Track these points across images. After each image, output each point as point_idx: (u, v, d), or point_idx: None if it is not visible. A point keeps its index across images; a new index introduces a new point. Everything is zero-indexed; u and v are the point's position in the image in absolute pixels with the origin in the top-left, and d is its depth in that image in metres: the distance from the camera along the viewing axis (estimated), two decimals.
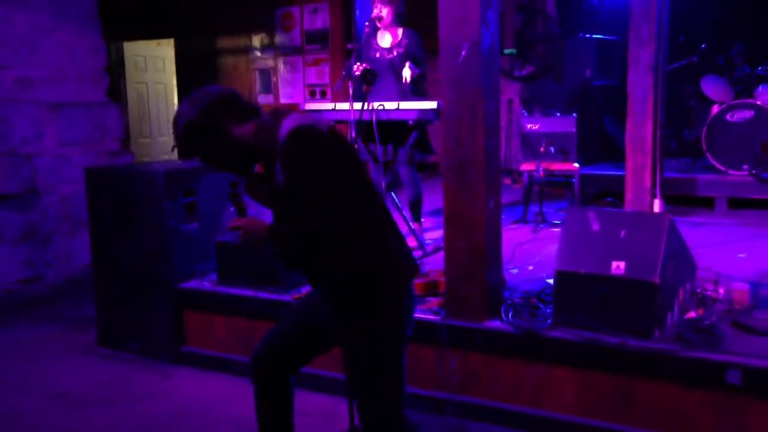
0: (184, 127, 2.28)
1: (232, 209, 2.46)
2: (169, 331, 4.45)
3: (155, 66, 9.96)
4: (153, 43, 9.78)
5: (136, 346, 4.57)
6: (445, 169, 3.48)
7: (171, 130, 2.37)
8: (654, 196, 5.37)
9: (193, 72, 9.03)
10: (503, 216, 3.84)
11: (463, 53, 3.30)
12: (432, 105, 4.60)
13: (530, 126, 5.95)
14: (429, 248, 4.99)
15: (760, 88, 6.27)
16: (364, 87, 4.71)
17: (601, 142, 7.66)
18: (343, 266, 2.30)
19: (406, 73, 5.01)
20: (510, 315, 3.51)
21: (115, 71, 9.04)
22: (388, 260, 2.34)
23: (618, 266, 3.19)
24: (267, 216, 2.50)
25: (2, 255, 5.74)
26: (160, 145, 9.78)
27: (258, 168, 2.39)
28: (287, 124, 2.24)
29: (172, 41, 9.46)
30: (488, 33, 3.32)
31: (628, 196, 5.47)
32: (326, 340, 2.56)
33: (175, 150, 2.41)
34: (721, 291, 3.53)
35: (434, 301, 3.76)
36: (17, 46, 5.82)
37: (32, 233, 5.95)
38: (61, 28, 6.15)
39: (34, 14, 5.92)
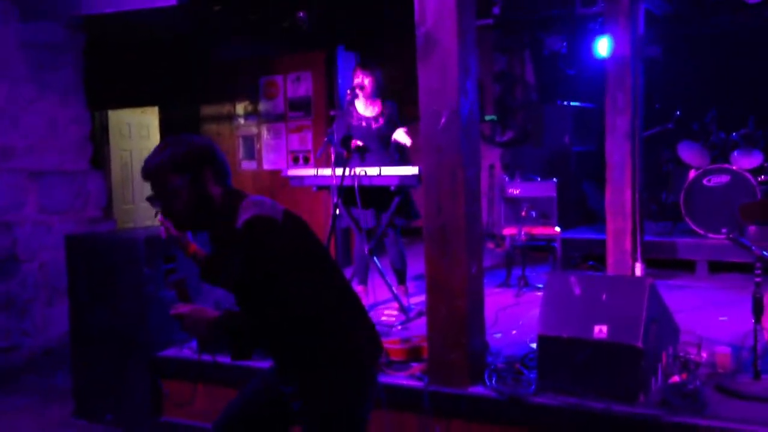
0: (167, 159, 2.18)
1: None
2: (146, 401, 4.35)
3: (139, 133, 10.02)
4: (138, 110, 9.87)
5: (113, 418, 4.46)
6: (427, 234, 3.50)
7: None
8: (635, 260, 5.41)
9: None
10: (486, 280, 3.84)
11: (443, 121, 3.35)
12: (414, 171, 4.65)
13: (512, 190, 6.02)
14: (412, 313, 4.97)
15: (735, 153, 6.40)
16: (346, 153, 4.76)
17: (580, 207, 7.76)
18: (298, 357, 2.26)
19: (405, 139, 5.03)
20: (494, 380, 3.47)
21: (99, 138, 9.08)
22: (347, 350, 2.27)
23: (600, 330, 3.19)
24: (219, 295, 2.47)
25: None
26: (143, 210, 9.75)
27: (195, 249, 2.41)
28: (243, 214, 2.16)
29: (156, 109, 9.55)
30: (467, 102, 3.38)
31: (610, 259, 5.51)
32: (285, 416, 2.45)
33: (158, 215, 2.36)
34: (704, 355, 3.52)
35: (417, 367, 3.72)
36: None
37: (10, 302, 5.86)
38: (44, 99, 6.19)
39: (15, 86, 5.96)
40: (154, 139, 10.04)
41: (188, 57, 8.46)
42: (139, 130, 10.01)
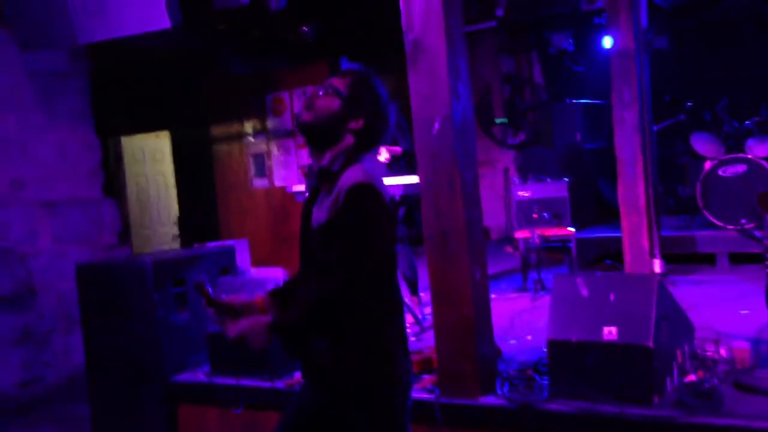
0: (372, 79, 2.32)
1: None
2: (162, 427, 4.33)
3: (154, 158, 10.08)
4: (151, 136, 9.94)
5: None
6: (428, 241, 3.44)
7: (172, 220, 2.30)
8: (653, 256, 5.29)
9: (189, 161, 9.13)
10: (504, 285, 3.78)
11: (436, 126, 3.31)
12: (416, 179, 4.59)
13: (521, 193, 5.95)
14: (426, 323, 4.90)
15: (750, 141, 6.25)
16: None
17: (596, 205, 7.65)
18: (346, 359, 2.20)
19: (383, 155, 5.02)
20: (506, 388, 3.40)
21: (114, 165, 9.14)
22: (392, 362, 2.23)
23: (610, 332, 3.11)
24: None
25: None
26: (161, 235, 9.79)
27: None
28: (357, 173, 2.19)
29: (167, 133, 9.61)
30: (459, 105, 3.33)
31: (627, 257, 5.40)
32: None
33: (176, 239, 2.34)
34: (722, 351, 3.42)
35: (428, 379, 3.65)
36: (7, 148, 5.89)
37: (29, 334, 5.89)
38: (53, 128, 6.24)
39: (24, 115, 6.01)
40: (169, 162, 10.10)
41: (193, 78, 8.51)
42: (153, 154, 10.07)
